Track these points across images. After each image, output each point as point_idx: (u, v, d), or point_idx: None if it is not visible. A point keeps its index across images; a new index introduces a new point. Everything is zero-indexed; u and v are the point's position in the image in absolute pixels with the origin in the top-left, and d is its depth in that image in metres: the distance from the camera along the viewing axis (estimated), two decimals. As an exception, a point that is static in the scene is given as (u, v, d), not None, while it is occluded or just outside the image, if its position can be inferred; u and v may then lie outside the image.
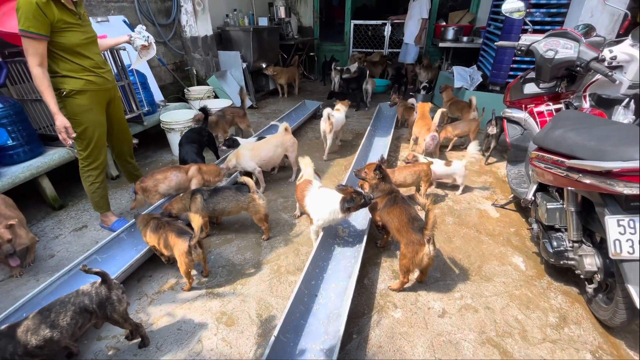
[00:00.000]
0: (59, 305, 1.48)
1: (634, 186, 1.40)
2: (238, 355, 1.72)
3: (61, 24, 1.99)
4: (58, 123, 2.09)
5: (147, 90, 3.81)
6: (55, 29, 1.98)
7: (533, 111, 2.59)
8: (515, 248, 2.46)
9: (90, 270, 1.49)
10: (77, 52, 2.13)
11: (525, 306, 1.99)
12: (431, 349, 1.75)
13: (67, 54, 2.09)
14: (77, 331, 1.51)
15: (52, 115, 2.09)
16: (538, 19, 3.99)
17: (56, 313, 1.45)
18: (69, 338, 1.48)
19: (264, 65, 6.07)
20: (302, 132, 4.81)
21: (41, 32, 1.91)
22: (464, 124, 3.88)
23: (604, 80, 2.22)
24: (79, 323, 1.49)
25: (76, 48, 2.11)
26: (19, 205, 2.43)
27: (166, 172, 2.66)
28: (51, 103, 2.05)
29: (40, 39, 1.93)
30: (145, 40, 2.54)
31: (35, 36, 1.90)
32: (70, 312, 1.47)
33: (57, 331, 1.43)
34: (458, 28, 6.09)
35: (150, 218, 2.17)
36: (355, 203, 2.07)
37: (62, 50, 2.07)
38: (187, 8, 4.92)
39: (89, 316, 1.52)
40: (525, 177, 2.72)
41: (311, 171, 2.48)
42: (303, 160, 2.53)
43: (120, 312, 1.59)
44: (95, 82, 2.24)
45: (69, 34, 2.05)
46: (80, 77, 2.17)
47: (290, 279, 2.20)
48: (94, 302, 1.52)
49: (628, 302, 1.59)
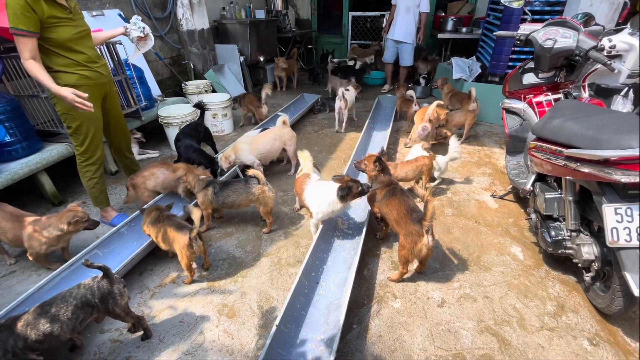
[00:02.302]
0: (60, 300, 1.48)
1: (631, 174, 1.41)
2: (240, 346, 1.74)
3: (51, 19, 1.95)
4: (66, 94, 2.00)
5: (144, 85, 3.79)
6: (46, 24, 1.94)
7: (532, 101, 2.58)
8: (513, 238, 2.47)
9: (93, 265, 1.50)
10: (69, 47, 2.09)
11: (524, 295, 2.01)
12: (430, 337, 1.77)
13: (59, 49, 2.06)
14: (78, 326, 1.51)
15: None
16: (537, 8, 3.95)
17: (57, 307, 1.46)
18: (69, 333, 1.49)
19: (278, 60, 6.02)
20: (301, 125, 4.79)
21: (30, 29, 1.88)
22: (460, 114, 3.87)
23: (603, 70, 2.21)
24: (80, 317, 1.50)
25: (68, 43, 2.08)
26: (19, 201, 2.43)
27: (153, 169, 2.66)
28: (49, 83, 2.00)
29: (30, 35, 1.89)
30: (141, 32, 2.46)
31: (25, 33, 1.87)
32: (71, 307, 1.47)
33: (57, 326, 1.44)
34: (457, 19, 6.03)
35: (153, 209, 2.17)
36: (352, 191, 2.08)
37: (54, 45, 2.03)
38: (183, 1, 4.87)
39: (90, 310, 1.53)
40: (524, 167, 2.72)
41: (310, 165, 2.48)
42: (302, 154, 2.53)
43: (122, 306, 1.60)
44: (89, 76, 2.21)
45: (60, 29, 2.02)
46: (74, 71, 2.14)
47: (290, 271, 2.21)
48: (96, 296, 1.53)
49: (625, 290, 1.60)
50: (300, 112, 4.81)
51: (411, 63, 5.76)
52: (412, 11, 5.19)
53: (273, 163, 3.59)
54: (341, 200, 2.12)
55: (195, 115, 3.71)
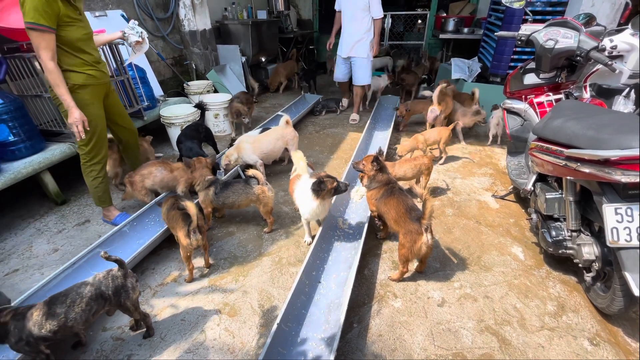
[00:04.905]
0: (75, 291, 1.51)
1: (631, 174, 1.41)
2: (241, 345, 1.75)
3: (66, 18, 2.01)
4: (76, 115, 2.10)
5: (146, 85, 3.81)
6: (61, 22, 2.00)
7: (533, 102, 2.58)
8: (514, 238, 2.47)
9: (110, 257, 1.54)
10: (79, 47, 2.15)
11: (524, 295, 2.01)
12: (430, 337, 1.77)
13: (70, 49, 2.11)
14: (91, 317, 1.54)
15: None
16: (539, 8, 3.95)
17: (72, 299, 1.49)
18: (82, 324, 1.52)
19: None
20: (302, 125, 4.81)
21: (51, 25, 1.93)
22: (464, 114, 3.87)
23: (605, 70, 2.22)
24: (93, 309, 1.53)
25: (78, 43, 2.14)
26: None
27: (151, 168, 2.67)
28: (66, 96, 2.07)
29: (50, 31, 1.94)
30: (139, 36, 2.54)
31: (45, 28, 1.91)
32: (85, 299, 1.50)
33: (71, 317, 1.47)
34: (459, 19, 6.03)
35: (169, 198, 2.25)
36: (325, 186, 2.08)
37: (65, 44, 2.08)
38: (185, 2, 4.89)
39: (103, 303, 1.56)
40: (525, 168, 2.72)
41: (304, 165, 2.49)
42: (295, 155, 2.54)
43: (133, 300, 1.64)
44: (95, 76, 2.27)
45: (72, 29, 2.08)
46: (82, 71, 2.19)
47: (291, 270, 2.22)
48: (109, 288, 1.56)
49: (625, 290, 1.60)
50: (302, 112, 4.82)
51: (368, 81, 4.58)
52: (359, 19, 4.15)
53: (275, 163, 3.60)
54: (315, 195, 2.11)
55: (197, 115, 3.72)
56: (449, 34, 6.02)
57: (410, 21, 7.50)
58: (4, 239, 2.55)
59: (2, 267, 2.28)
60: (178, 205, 2.12)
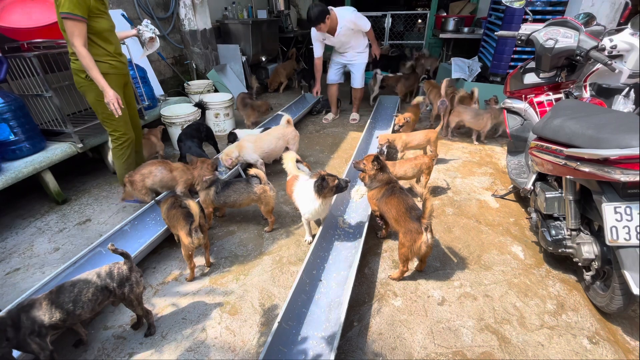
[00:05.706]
0: (83, 281, 1.55)
1: (631, 173, 1.42)
2: (242, 343, 1.76)
3: (95, 9, 2.20)
4: (111, 94, 2.28)
5: (147, 85, 3.82)
6: (91, 13, 2.18)
7: (533, 101, 2.59)
8: (514, 237, 2.48)
9: (117, 250, 1.58)
10: (105, 38, 2.33)
11: (524, 294, 2.01)
12: (430, 335, 1.78)
13: (97, 38, 2.28)
14: (97, 307, 1.59)
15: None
16: (539, 8, 3.95)
17: (79, 288, 1.53)
18: (89, 313, 1.56)
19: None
20: (303, 125, 4.81)
21: (84, 15, 2.12)
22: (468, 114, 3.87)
23: (604, 70, 2.22)
24: (99, 299, 1.57)
25: (105, 33, 2.31)
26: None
27: (151, 167, 2.67)
28: (99, 78, 2.24)
29: (83, 21, 2.12)
30: (152, 33, 2.72)
31: (79, 18, 2.10)
32: (92, 289, 1.55)
33: (79, 305, 1.52)
34: (459, 19, 6.03)
35: (168, 198, 2.28)
36: (327, 184, 2.09)
37: (94, 34, 2.25)
38: (185, 1, 4.89)
39: (108, 294, 1.60)
40: (524, 167, 2.73)
41: (292, 165, 2.50)
42: (286, 155, 2.54)
43: (137, 294, 1.66)
44: (116, 66, 2.44)
45: (101, 20, 2.26)
46: (105, 61, 2.35)
47: (292, 269, 2.23)
48: (115, 280, 1.59)
49: (624, 289, 1.61)
50: (302, 111, 4.82)
51: (362, 85, 4.72)
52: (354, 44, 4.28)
53: (276, 162, 3.60)
54: (318, 194, 2.12)
55: (198, 114, 3.73)
56: (449, 34, 6.02)
57: (411, 21, 7.51)
58: (5, 238, 2.56)
59: (4, 266, 2.29)
60: (180, 204, 2.13)
